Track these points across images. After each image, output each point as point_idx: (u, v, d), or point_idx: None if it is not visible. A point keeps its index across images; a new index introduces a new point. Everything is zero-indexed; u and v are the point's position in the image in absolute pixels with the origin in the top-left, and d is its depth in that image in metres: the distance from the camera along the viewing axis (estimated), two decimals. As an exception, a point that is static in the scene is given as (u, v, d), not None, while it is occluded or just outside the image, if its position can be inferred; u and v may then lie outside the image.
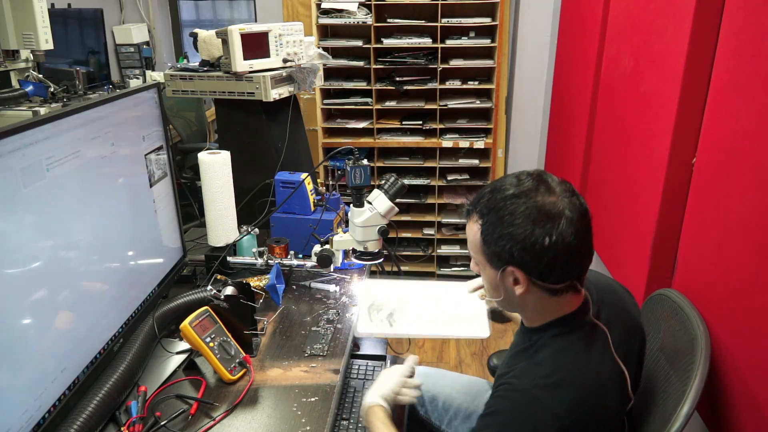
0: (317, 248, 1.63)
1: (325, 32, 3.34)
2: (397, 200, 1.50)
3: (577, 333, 1.03)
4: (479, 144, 3.22)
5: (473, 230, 1.04)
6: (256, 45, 2.01)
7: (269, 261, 1.69)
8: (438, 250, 3.45)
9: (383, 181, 1.51)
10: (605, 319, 1.07)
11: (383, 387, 1.21)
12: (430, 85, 3.21)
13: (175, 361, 1.37)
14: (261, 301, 1.62)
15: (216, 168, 1.68)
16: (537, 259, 0.96)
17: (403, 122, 3.32)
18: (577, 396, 0.97)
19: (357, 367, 1.47)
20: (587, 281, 1.06)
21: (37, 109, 2.45)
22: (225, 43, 1.99)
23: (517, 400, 0.98)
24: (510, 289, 1.02)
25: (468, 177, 3.33)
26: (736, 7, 1.25)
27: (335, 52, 3.18)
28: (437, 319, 1.37)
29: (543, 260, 0.96)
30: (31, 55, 2.63)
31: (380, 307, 1.42)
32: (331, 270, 1.71)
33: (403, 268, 3.41)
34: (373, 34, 3.10)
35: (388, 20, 3.15)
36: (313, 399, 1.26)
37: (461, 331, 1.35)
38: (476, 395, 1.52)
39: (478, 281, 1.42)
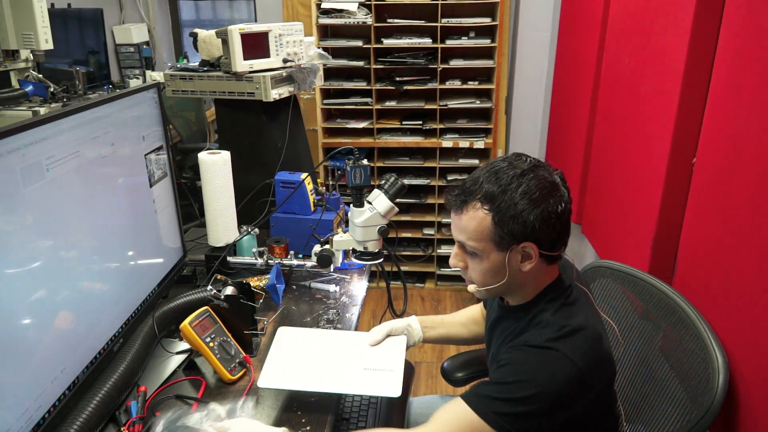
0: (317, 248, 1.63)
1: (325, 32, 3.34)
2: (397, 200, 1.50)
3: (567, 292, 1.10)
4: (479, 144, 3.22)
5: (478, 218, 1.04)
6: (256, 45, 2.01)
7: (269, 261, 1.69)
8: (438, 250, 3.45)
9: (383, 181, 1.51)
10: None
11: None
12: (430, 85, 3.21)
13: (175, 361, 1.37)
14: (261, 301, 1.62)
15: (216, 168, 1.68)
16: (551, 229, 1.02)
17: (403, 122, 3.32)
18: (586, 344, 1.02)
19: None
20: None
21: (37, 109, 2.45)
22: (225, 43, 1.99)
23: (534, 352, 1.01)
24: (515, 268, 1.06)
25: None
26: (736, 7, 1.25)
27: (335, 52, 3.18)
28: (348, 375, 1.23)
29: (555, 228, 1.03)
30: (31, 55, 2.63)
31: (289, 356, 1.28)
32: (331, 270, 1.71)
33: (403, 268, 3.41)
34: (373, 34, 3.10)
35: (388, 20, 3.15)
36: (313, 399, 1.26)
37: (371, 389, 1.22)
38: None
39: (380, 333, 1.35)
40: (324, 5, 3.08)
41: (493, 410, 0.99)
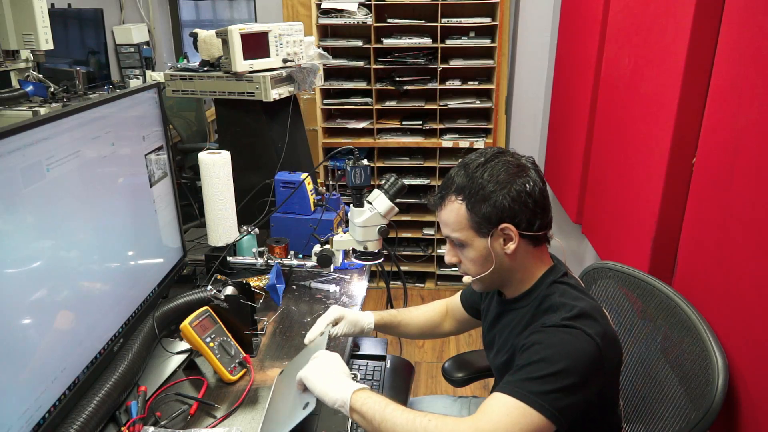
0: (317, 248, 1.63)
1: (325, 32, 3.34)
2: (397, 200, 1.50)
3: (566, 277, 1.14)
4: (479, 144, 3.22)
5: (454, 208, 1.11)
6: (256, 45, 2.01)
7: (269, 261, 1.69)
8: (438, 250, 3.45)
9: (383, 181, 1.51)
10: None
11: (340, 370, 1.10)
12: (430, 85, 3.21)
13: (175, 361, 1.37)
14: (261, 301, 1.62)
15: (216, 168, 1.68)
16: (523, 207, 1.06)
17: (403, 122, 3.32)
18: (598, 324, 1.04)
19: (357, 367, 1.47)
20: None
21: (37, 109, 2.45)
22: (225, 43, 1.99)
23: (554, 330, 1.03)
24: (500, 252, 1.10)
25: (468, 177, 3.32)
26: (736, 7, 1.25)
27: (335, 52, 3.18)
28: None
29: (528, 207, 1.07)
30: (31, 55, 2.63)
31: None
32: (331, 270, 1.71)
33: (403, 268, 3.41)
34: (373, 34, 3.10)
35: (388, 20, 3.15)
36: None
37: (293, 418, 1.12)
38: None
39: (315, 332, 1.31)
40: (324, 5, 3.08)
41: (529, 391, 0.99)
